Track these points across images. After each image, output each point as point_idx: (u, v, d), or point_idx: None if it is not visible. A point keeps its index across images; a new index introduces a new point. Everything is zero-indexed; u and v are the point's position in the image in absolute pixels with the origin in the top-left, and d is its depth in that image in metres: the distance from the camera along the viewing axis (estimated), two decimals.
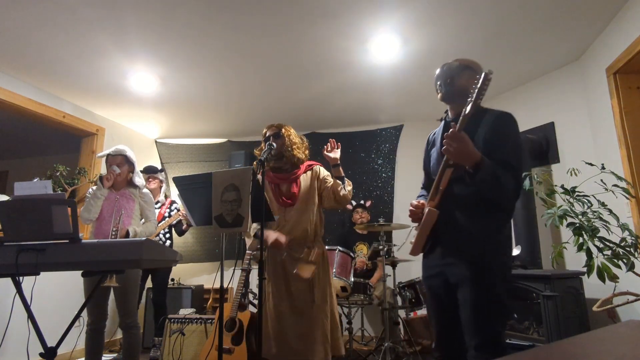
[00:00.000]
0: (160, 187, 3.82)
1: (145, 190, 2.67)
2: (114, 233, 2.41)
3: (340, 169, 2.24)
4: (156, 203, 3.71)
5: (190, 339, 2.95)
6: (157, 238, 3.57)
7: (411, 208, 1.62)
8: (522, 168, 1.44)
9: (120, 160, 2.57)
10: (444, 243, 1.51)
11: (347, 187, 2.23)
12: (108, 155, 2.59)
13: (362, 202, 4.23)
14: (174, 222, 3.67)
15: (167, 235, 3.69)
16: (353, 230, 3.84)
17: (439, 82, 1.60)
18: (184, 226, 3.79)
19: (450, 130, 1.36)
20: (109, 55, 2.97)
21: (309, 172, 2.32)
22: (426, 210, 1.51)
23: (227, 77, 3.39)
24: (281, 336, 2.12)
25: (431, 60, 3.09)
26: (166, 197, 3.90)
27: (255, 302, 3.35)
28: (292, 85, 3.56)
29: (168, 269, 3.68)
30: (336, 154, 2.23)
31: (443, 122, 1.67)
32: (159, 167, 4.07)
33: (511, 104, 3.63)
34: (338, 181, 2.23)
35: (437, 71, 1.62)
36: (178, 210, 3.77)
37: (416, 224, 1.60)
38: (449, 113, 1.63)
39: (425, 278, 1.64)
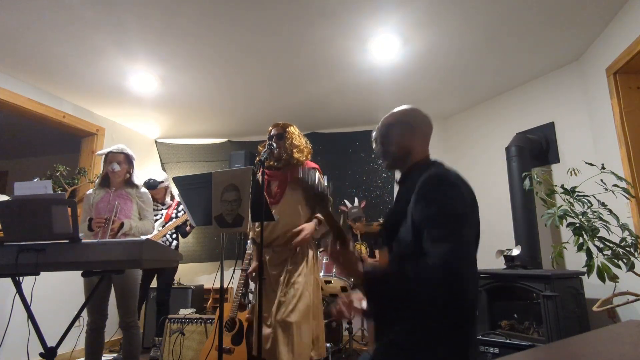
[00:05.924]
0: (166, 190, 3.83)
1: (143, 190, 2.66)
2: (105, 224, 2.39)
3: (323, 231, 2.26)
4: (162, 205, 3.75)
5: (190, 339, 2.96)
6: (165, 239, 3.59)
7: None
8: (457, 240, 1.01)
9: (121, 158, 2.58)
10: None
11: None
12: (109, 152, 2.59)
13: (356, 204, 4.16)
14: (180, 223, 3.68)
15: (174, 236, 3.71)
16: (351, 230, 3.83)
17: (379, 150, 1.29)
18: (187, 227, 3.80)
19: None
20: (109, 55, 2.97)
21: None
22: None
23: (227, 78, 3.39)
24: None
25: (431, 60, 3.09)
26: (172, 198, 3.90)
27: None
28: (292, 85, 3.56)
29: (174, 269, 3.69)
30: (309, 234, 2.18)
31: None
32: (158, 171, 4.07)
33: (511, 103, 3.63)
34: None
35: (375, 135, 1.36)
36: (185, 212, 3.76)
37: None
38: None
39: None
